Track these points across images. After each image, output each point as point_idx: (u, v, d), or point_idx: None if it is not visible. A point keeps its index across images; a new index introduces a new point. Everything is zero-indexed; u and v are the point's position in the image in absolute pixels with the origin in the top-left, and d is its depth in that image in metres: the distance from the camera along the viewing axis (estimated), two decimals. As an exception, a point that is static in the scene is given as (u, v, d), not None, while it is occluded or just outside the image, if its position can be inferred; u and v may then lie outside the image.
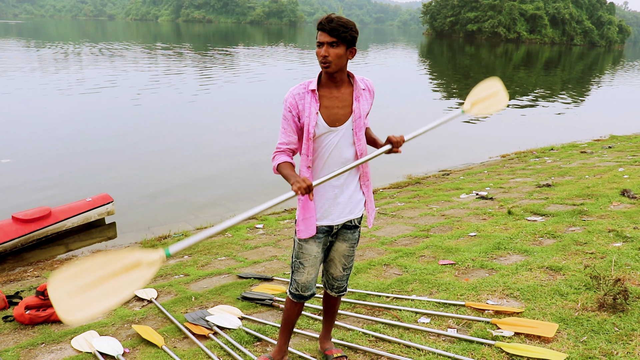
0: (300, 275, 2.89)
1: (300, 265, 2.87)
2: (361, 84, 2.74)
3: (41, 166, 10.03)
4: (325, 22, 2.56)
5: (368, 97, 2.78)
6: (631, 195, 6.46)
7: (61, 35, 60.12)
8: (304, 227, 2.78)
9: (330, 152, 2.71)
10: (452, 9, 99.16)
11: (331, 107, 2.69)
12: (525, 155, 11.77)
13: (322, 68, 2.62)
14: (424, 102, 19.82)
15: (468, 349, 3.19)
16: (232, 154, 11.50)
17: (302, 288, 2.92)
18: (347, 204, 2.82)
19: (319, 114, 2.67)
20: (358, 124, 2.72)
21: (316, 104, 2.67)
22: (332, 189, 2.77)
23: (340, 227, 2.86)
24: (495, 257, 4.79)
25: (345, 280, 3.04)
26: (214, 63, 31.46)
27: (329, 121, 2.68)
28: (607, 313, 3.44)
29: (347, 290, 3.13)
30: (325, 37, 2.56)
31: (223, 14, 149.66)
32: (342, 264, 2.97)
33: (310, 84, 2.69)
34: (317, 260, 2.88)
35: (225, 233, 6.81)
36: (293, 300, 2.99)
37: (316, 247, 2.83)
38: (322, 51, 2.57)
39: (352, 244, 2.93)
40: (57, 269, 5.93)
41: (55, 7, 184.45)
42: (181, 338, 3.72)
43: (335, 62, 2.58)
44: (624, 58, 67.50)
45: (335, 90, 2.70)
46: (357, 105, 2.71)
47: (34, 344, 3.78)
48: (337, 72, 2.65)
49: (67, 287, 2.05)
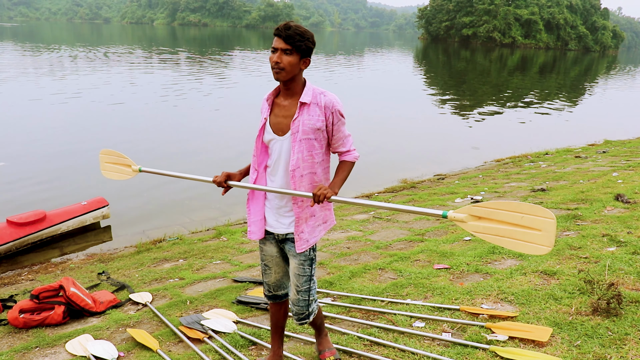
0: (268, 276, 2.97)
1: (266, 267, 2.96)
2: (310, 97, 2.64)
3: (36, 169, 10.01)
4: (282, 29, 2.55)
5: (317, 113, 2.64)
6: (625, 199, 6.49)
7: (56, 38, 60.00)
8: (251, 229, 2.86)
9: (277, 159, 2.73)
10: (447, 13, 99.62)
11: (277, 115, 2.72)
12: (520, 160, 11.81)
13: (273, 75, 2.61)
14: (418, 106, 19.86)
15: (462, 353, 3.20)
16: (225, 158, 11.48)
17: (273, 287, 2.99)
18: (283, 217, 2.80)
19: (267, 119, 2.73)
20: (295, 137, 2.65)
21: (267, 111, 2.74)
22: (274, 198, 2.80)
23: (284, 237, 2.82)
24: (489, 261, 4.80)
25: (303, 306, 2.90)
26: (207, 67, 31.47)
27: (275, 129, 2.72)
28: (601, 317, 3.46)
29: (312, 318, 2.97)
30: (280, 43, 2.55)
31: (219, 18, 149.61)
32: (295, 286, 2.88)
33: (270, 92, 2.77)
34: (280, 261, 2.93)
35: (221, 237, 6.80)
36: (272, 302, 3.06)
37: (274, 247, 2.89)
38: (275, 57, 2.56)
39: (302, 261, 2.81)
40: (51, 272, 5.91)
41: (51, 9, 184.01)
42: (176, 342, 3.71)
43: (287, 70, 2.57)
44: (618, 63, 67.90)
45: (285, 99, 2.72)
46: (298, 118, 2.64)
47: (28, 348, 3.77)
48: (289, 81, 2.64)
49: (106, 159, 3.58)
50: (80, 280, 5.36)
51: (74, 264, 6.18)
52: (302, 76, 2.69)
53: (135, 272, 5.55)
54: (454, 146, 13.66)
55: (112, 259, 6.28)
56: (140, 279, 5.31)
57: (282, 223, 2.80)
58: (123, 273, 5.58)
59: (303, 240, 2.76)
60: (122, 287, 5.01)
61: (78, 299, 4.28)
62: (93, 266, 5.96)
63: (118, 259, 6.22)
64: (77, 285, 4.41)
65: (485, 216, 2.40)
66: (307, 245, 2.77)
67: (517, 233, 2.32)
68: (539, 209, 2.26)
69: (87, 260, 6.34)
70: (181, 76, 25.24)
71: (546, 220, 2.24)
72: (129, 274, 5.53)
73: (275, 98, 2.77)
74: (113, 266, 5.89)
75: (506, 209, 2.34)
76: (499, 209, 2.36)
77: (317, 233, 2.82)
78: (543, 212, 2.25)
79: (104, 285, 5.13)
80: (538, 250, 2.26)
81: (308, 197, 2.64)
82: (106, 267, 5.87)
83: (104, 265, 5.99)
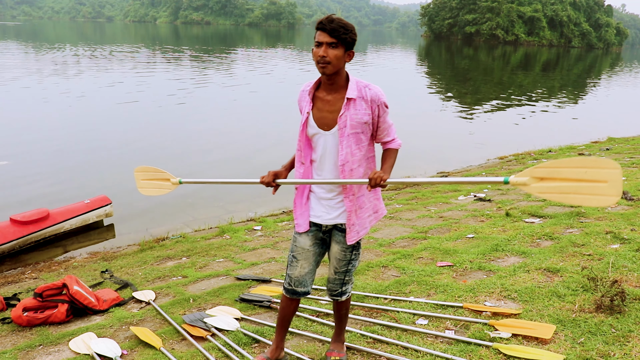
0: (293, 269, 2.93)
1: (294, 258, 2.92)
2: (355, 92, 2.65)
3: (39, 168, 10.03)
4: (325, 22, 2.55)
5: (363, 107, 2.66)
6: (629, 197, 6.47)
7: (59, 37, 60.09)
8: (298, 222, 2.89)
9: (323, 153, 2.75)
10: (450, 11, 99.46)
11: (321, 110, 2.72)
12: (523, 157, 11.78)
13: (318, 69, 2.61)
14: (421, 103, 19.84)
15: (466, 351, 3.20)
16: (229, 156, 11.50)
17: (295, 282, 2.93)
18: (332, 209, 2.83)
19: (310, 114, 2.73)
20: (343, 132, 2.67)
21: (309, 105, 2.73)
22: (323, 190, 2.82)
23: (331, 227, 2.88)
24: (493, 258, 4.79)
25: (338, 284, 3.00)
26: (211, 65, 31.49)
27: (319, 123, 2.72)
28: (605, 314, 3.45)
29: (344, 297, 3.05)
30: (325, 37, 2.55)
31: (221, 16, 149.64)
32: (333, 267, 2.95)
33: (311, 84, 2.75)
34: (310, 255, 2.90)
35: (224, 235, 6.81)
36: (287, 297, 3.00)
37: (309, 240, 2.88)
38: (321, 51, 2.56)
39: (344, 248, 2.88)
40: (55, 271, 5.93)
41: (54, 8, 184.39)
42: (179, 340, 3.71)
43: (333, 64, 2.57)
44: (622, 60, 67.66)
45: (329, 94, 2.71)
46: (345, 113, 2.65)
47: (31, 346, 3.78)
48: (334, 75, 2.63)
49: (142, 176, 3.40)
50: (83, 278, 5.37)
51: (77, 262, 6.20)
52: (345, 69, 2.70)
53: (138, 270, 5.56)
54: (456, 143, 13.64)
55: (115, 257, 6.29)
56: (144, 277, 5.31)
57: (330, 214, 2.82)
58: (126, 271, 5.58)
59: (354, 232, 2.84)
60: (126, 285, 5.02)
61: (81, 297, 4.29)
62: (96, 264, 5.97)
63: (121, 257, 6.23)
64: (80, 284, 4.42)
65: (548, 176, 2.36)
66: (357, 236, 2.85)
67: (583, 188, 2.28)
68: (602, 160, 2.23)
69: (91, 259, 6.35)
70: (195, 74, 25.26)
71: (611, 170, 2.20)
72: (132, 272, 5.54)
73: (315, 91, 2.76)
74: (116, 264, 5.90)
75: (569, 166, 2.31)
76: (562, 167, 2.33)
77: (367, 224, 2.91)
78: (607, 164, 2.22)
79: (107, 284, 5.14)
80: (607, 201, 2.24)
81: (364, 183, 2.66)
82: (109, 265, 5.88)
83: (107, 263, 6.00)
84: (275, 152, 11.47)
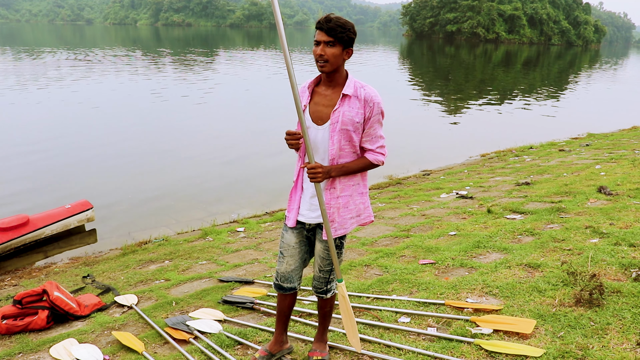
0: (280, 264, 3.02)
1: (281, 254, 3.01)
2: (352, 90, 2.72)
3: (19, 173, 9.89)
4: (323, 22, 2.62)
5: (357, 106, 2.71)
6: (607, 192, 6.56)
7: (38, 41, 59.32)
8: (288, 215, 2.96)
9: (314, 147, 2.79)
10: (431, 10, 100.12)
11: (318, 104, 2.78)
12: (505, 154, 11.90)
13: (318, 67, 2.68)
14: (403, 102, 19.90)
15: (447, 347, 3.22)
16: (210, 158, 11.45)
17: (281, 278, 3.03)
18: (316, 207, 2.86)
19: (307, 107, 2.78)
20: (334, 127, 2.72)
21: (307, 98, 2.80)
22: (309, 187, 2.87)
23: (315, 226, 2.93)
24: (474, 255, 4.83)
25: (323, 282, 3.04)
26: (191, 67, 31.32)
27: (314, 117, 2.78)
28: (584, 308, 3.49)
29: (329, 295, 3.09)
30: (323, 36, 2.61)
31: (202, 18, 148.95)
32: (318, 265, 3.01)
33: (311, 80, 2.84)
34: (296, 252, 2.97)
35: (207, 237, 6.78)
36: (279, 293, 3.11)
37: (294, 238, 2.95)
38: (319, 50, 2.63)
39: (327, 247, 2.90)
40: (35, 277, 5.85)
41: (31, 11, 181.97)
42: (162, 343, 3.69)
43: (331, 62, 2.65)
44: (600, 57, 68.58)
45: (327, 89, 2.78)
46: (339, 109, 2.71)
47: (10, 354, 3.72)
48: (333, 73, 2.71)
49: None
50: (64, 284, 5.31)
51: (58, 268, 6.12)
52: (344, 68, 2.76)
53: (120, 275, 5.51)
54: (439, 142, 13.72)
55: (97, 261, 6.23)
56: (126, 281, 5.27)
57: (314, 213, 2.86)
58: (108, 276, 5.53)
59: (332, 229, 2.85)
60: (107, 290, 4.97)
61: (62, 303, 4.24)
62: (78, 269, 5.90)
63: (103, 262, 6.17)
64: (61, 289, 4.37)
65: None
66: (334, 234, 2.86)
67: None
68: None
69: (72, 264, 6.28)
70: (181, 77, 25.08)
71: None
72: (114, 276, 5.49)
73: (315, 87, 2.84)
74: (98, 269, 5.84)
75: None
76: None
77: (349, 225, 2.92)
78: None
79: (89, 289, 5.09)
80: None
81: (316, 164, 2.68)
82: (91, 270, 5.82)
83: (89, 268, 5.94)
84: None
